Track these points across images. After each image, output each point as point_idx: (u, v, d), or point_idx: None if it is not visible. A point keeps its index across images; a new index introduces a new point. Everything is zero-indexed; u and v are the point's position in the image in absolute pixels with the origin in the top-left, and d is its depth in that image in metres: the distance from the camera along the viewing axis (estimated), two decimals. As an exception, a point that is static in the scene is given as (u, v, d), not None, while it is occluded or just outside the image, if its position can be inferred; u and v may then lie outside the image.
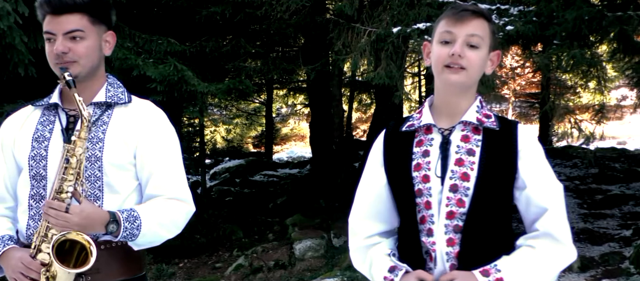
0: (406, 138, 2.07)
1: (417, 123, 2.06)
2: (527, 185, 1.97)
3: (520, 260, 1.93)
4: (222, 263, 9.48)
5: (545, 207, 1.95)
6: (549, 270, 1.94)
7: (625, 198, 10.51)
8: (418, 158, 2.01)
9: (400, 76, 8.14)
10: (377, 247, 2.11)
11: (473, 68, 1.96)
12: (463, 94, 2.01)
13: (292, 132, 28.54)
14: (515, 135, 2.00)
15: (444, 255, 1.96)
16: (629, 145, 20.21)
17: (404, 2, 7.66)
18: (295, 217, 10.46)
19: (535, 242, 1.96)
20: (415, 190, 1.99)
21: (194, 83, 8.43)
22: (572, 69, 7.80)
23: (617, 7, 8.01)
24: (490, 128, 2.00)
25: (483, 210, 1.96)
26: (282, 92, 20.16)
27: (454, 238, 1.95)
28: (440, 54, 1.96)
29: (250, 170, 16.88)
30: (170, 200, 2.28)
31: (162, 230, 2.25)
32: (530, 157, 2.00)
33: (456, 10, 1.96)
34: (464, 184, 1.95)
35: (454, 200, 1.95)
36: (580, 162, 13.75)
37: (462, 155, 1.98)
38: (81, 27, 2.18)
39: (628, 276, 6.68)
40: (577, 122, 8.64)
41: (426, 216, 1.98)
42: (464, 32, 1.94)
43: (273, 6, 8.79)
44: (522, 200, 1.99)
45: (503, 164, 1.98)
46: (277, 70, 11.79)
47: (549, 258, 1.94)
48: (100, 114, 2.27)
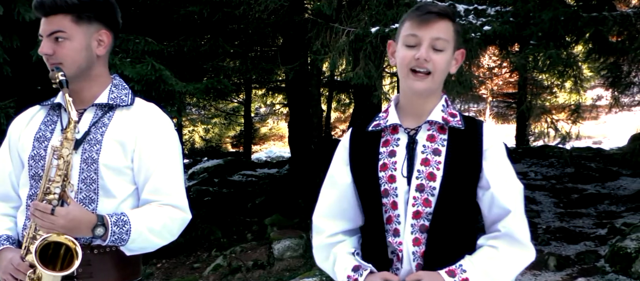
0: (372, 138, 2.07)
1: (383, 123, 2.06)
2: (491, 185, 1.99)
3: (484, 260, 1.95)
4: (200, 263, 9.44)
5: (509, 209, 1.97)
6: (511, 270, 1.97)
7: (600, 197, 10.62)
8: (384, 158, 2.02)
9: (379, 76, 8.16)
10: (340, 245, 2.11)
11: (438, 72, 1.97)
12: (429, 96, 2.03)
13: (270, 132, 28.50)
14: (481, 135, 2.02)
15: (410, 254, 1.97)
16: (604, 144, 20.44)
17: (382, 2, 7.68)
18: (274, 217, 10.44)
19: (497, 243, 1.98)
20: (382, 190, 2.00)
21: (172, 83, 8.38)
22: (549, 69, 7.88)
23: (592, 8, 8.09)
24: (455, 127, 2.01)
25: (449, 209, 1.97)
26: (260, 92, 20.11)
27: (420, 238, 1.96)
28: (406, 57, 1.97)
29: (228, 170, 16.82)
30: (165, 206, 2.24)
31: (154, 237, 2.20)
32: (494, 156, 2.02)
33: (420, 12, 1.96)
34: (430, 184, 1.96)
35: (421, 199, 1.96)
36: (556, 162, 13.88)
37: (428, 154, 1.99)
38: (62, 28, 2.15)
39: (603, 274, 6.74)
40: (553, 121, 8.74)
41: (392, 216, 1.99)
42: (429, 35, 1.94)
43: (251, 6, 8.76)
44: (485, 199, 2.01)
45: (468, 163, 1.99)
46: (256, 70, 11.76)
47: (511, 258, 1.97)
48: (101, 116, 2.24)
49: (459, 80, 7.41)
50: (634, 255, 6.71)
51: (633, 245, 6.81)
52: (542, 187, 11.72)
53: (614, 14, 7.76)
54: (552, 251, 7.72)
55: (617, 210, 9.71)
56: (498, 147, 2.04)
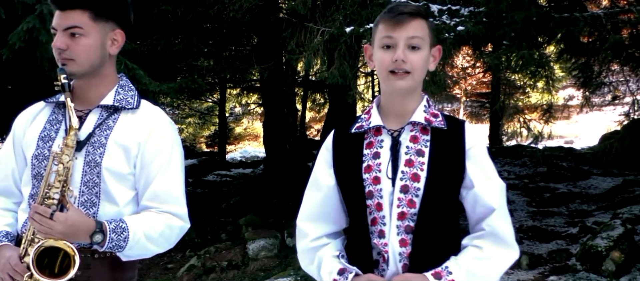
0: (356, 140, 2.07)
1: (366, 125, 2.06)
2: (474, 185, 2.00)
3: (470, 260, 1.96)
4: (174, 263, 9.38)
5: (493, 207, 1.99)
6: (496, 270, 1.99)
7: (572, 196, 10.74)
8: (368, 160, 2.02)
9: (354, 76, 8.17)
10: (325, 249, 2.10)
11: (417, 70, 1.98)
12: (410, 96, 2.03)
13: (245, 132, 28.42)
14: (463, 134, 2.03)
15: (396, 255, 1.97)
16: (576, 144, 20.71)
17: (356, 2, 7.69)
18: (249, 217, 10.41)
19: (482, 242, 1.99)
20: (366, 192, 2.00)
21: (146, 82, 8.31)
22: (521, 69, 7.94)
23: (564, 9, 8.19)
24: (438, 127, 2.02)
25: (433, 209, 1.98)
26: (235, 91, 20.05)
27: (406, 239, 1.97)
28: (384, 59, 1.97)
29: (203, 170, 16.74)
30: (164, 214, 2.22)
31: (151, 244, 2.18)
32: (477, 156, 2.03)
33: (393, 13, 1.96)
34: (415, 185, 1.96)
35: (405, 200, 1.96)
36: (529, 161, 14.01)
37: (412, 155, 1.99)
38: (80, 24, 2.12)
39: (574, 273, 6.82)
40: (526, 121, 8.80)
41: (377, 217, 1.99)
42: (403, 35, 1.95)
43: (226, 5, 8.73)
44: (469, 199, 2.02)
45: (451, 163, 2.00)
46: (230, 69, 11.74)
47: (495, 258, 1.98)
48: (106, 118, 2.20)
49: (433, 80, 7.45)
50: (605, 253, 6.79)
51: (603, 244, 6.90)
52: (515, 186, 11.83)
53: (585, 14, 7.85)
54: (524, 250, 7.79)
55: (588, 209, 9.83)
56: (480, 146, 2.06)
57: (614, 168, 12.02)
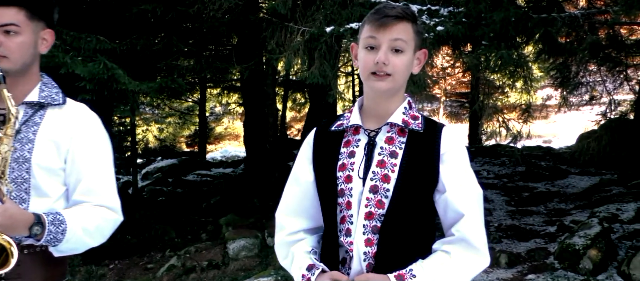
0: (335, 138, 2.09)
1: (345, 123, 2.08)
2: (446, 189, 2.00)
3: (435, 265, 1.96)
4: (154, 263, 9.34)
5: (462, 213, 1.98)
6: (463, 276, 1.97)
7: (550, 196, 10.84)
8: (344, 159, 2.04)
9: (334, 75, 8.19)
10: (299, 244, 2.13)
11: (398, 73, 1.98)
12: (391, 97, 2.04)
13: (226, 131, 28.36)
14: (439, 139, 2.03)
15: (361, 254, 1.98)
16: (554, 143, 20.90)
17: (337, 2, 7.71)
18: (229, 217, 10.39)
19: (451, 248, 1.99)
20: (338, 190, 2.02)
21: (125, 82, 8.27)
22: (500, 69, 8.00)
23: (541, 9, 8.26)
24: (414, 130, 2.03)
25: (402, 211, 1.98)
26: (215, 91, 19.98)
27: (372, 239, 1.97)
28: (366, 60, 1.98)
29: (183, 170, 16.69)
30: (98, 207, 2.22)
31: (87, 237, 2.17)
32: (452, 161, 2.02)
33: (379, 15, 1.97)
34: (384, 186, 1.97)
35: (374, 201, 1.97)
36: (508, 160, 14.12)
37: (385, 157, 2.00)
38: (16, 22, 2.12)
39: (552, 271, 6.88)
40: (505, 121, 8.87)
41: (346, 216, 2.01)
42: (387, 37, 1.95)
43: (206, 4, 8.71)
44: (441, 203, 2.02)
45: (424, 167, 2.00)
46: (211, 69, 11.70)
47: (463, 264, 1.97)
48: (32, 114, 2.20)
49: (413, 80, 7.48)
50: (582, 251, 6.87)
51: (581, 242, 6.97)
52: (494, 186, 11.91)
53: (562, 15, 7.93)
54: (503, 249, 7.84)
55: (566, 208, 9.92)
56: (457, 151, 2.04)
57: (591, 168, 12.14)
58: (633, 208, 8.50)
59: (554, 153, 15.22)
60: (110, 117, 14.06)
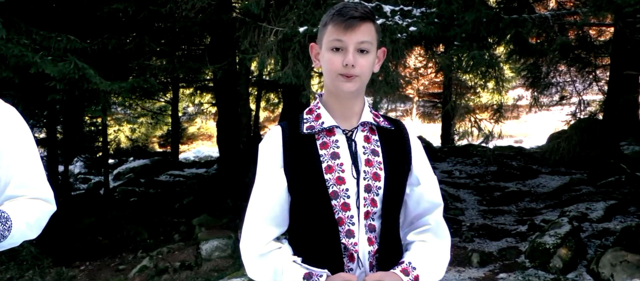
0: (308, 141, 2.05)
1: (318, 126, 2.05)
2: (420, 182, 2.08)
3: (426, 255, 2.05)
4: (126, 265, 9.26)
5: (438, 203, 2.11)
6: (445, 261, 2.11)
7: (521, 195, 10.95)
8: (328, 161, 2.01)
9: (307, 75, 8.18)
10: (279, 253, 2.04)
11: (365, 74, 2.00)
12: (357, 97, 2.06)
13: (199, 131, 28.23)
14: (407, 135, 2.12)
15: (366, 254, 1.99)
16: (525, 143, 21.11)
17: (310, 2, 7.72)
18: (202, 217, 10.35)
19: (427, 237, 2.10)
20: (330, 193, 1.99)
21: (96, 82, 8.19)
22: (472, 70, 8.06)
23: (512, 10, 8.34)
24: (385, 128, 2.08)
25: (392, 208, 2.04)
26: (188, 91, 19.89)
27: (371, 238, 2.00)
28: (333, 62, 1.98)
29: (155, 170, 16.59)
30: (34, 200, 2.20)
31: (28, 231, 2.15)
32: (419, 154, 2.13)
33: (343, 17, 1.96)
34: (376, 184, 2.00)
35: (369, 200, 1.99)
36: (480, 160, 14.25)
37: (369, 155, 2.02)
38: None
39: (523, 270, 6.95)
40: (477, 121, 8.91)
41: (344, 218, 1.99)
42: (354, 40, 1.95)
43: (178, 4, 8.65)
44: (414, 195, 2.09)
45: (401, 163, 2.07)
46: (183, 69, 11.64)
47: (442, 250, 2.11)
48: None
49: (386, 80, 7.51)
50: (552, 250, 6.95)
51: (551, 241, 7.05)
52: (466, 185, 12.00)
53: (533, 16, 8.02)
54: (475, 248, 7.91)
55: (537, 207, 10.03)
56: (419, 145, 2.15)
57: (561, 167, 12.29)
58: (602, 208, 8.62)
59: (525, 153, 15.38)
60: (81, 117, 13.93)
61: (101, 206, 11.95)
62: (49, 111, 12.32)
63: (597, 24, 12.60)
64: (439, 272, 2.07)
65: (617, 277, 6.25)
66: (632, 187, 9.80)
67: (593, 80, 12.47)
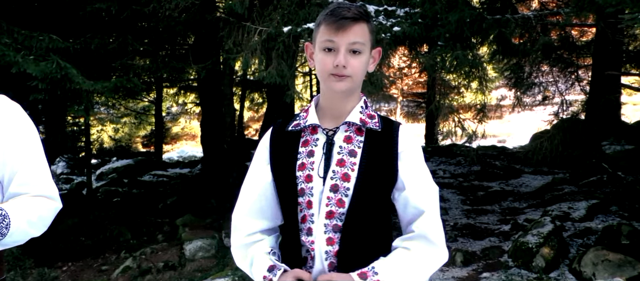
0: (293, 138, 2.09)
1: (302, 123, 2.08)
2: (405, 187, 2.03)
3: (396, 262, 1.98)
4: (108, 265, 9.21)
5: (423, 209, 2.01)
6: (423, 272, 2.00)
7: (504, 195, 11.00)
8: (303, 158, 2.04)
9: (292, 75, 8.18)
10: (258, 245, 2.11)
11: (357, 75, 1.99)
12: (348, 97, 2.05)
13: (182, 131, 28.18)
14: (396, 137, 2.06)
15: (322, 253, 1.99)
16: (508, 143, 21.24)
17: (294, 2, 7.71)
18: (186, 217, 10.32)
19: (411, 244, 2.01)
20: (298, 189, 2.02)
21: (79, 81, 8.14)
22: (456, 70, 8.08)
23: (496, 10, 8.38)
24: (372, 129, 2.05)
25: (362, 210, 2.00)
26: (172, 91, 19.82)
27: (333, 238, 1.99)
28: (325, 62, 1.98)
29: (139, 170, 16.52)
30: (37, 197, 2.19)
31: (31, 229, 2.15)
32: (409, 159, 2.05)
33: (336, 17, 1.96)
34: (345, 184, 1.98)
35: (335, 200, 1.98)
36: (463, 160, 14.31)
37: (344, 156, 2.01)
38: None
39: (507, 269, 6.99)
40: (460, 121, 8.94)
41: (307, 215, 2.01)
42: (345, 40, 1.96)
43: (161, 3, 8.62)
44: (401, 201, 2.04)
45: (383, 165, 2.02)
46: (167, 69, 11.58)
47: (423, 260, 1.99)
48: None
49: (371, 80, 7.52)
50: (535, 249, 6.99)
51: (534, 240, 7.09)
52: (450, 185, 12.05)
53: (516, 16, 8.06)
54: (459, 248, 7.94)
55: (520, 207, 10.08)
56: (414, 150, 2.08)
57: (544, 167, 12.36)
58: (584, 207, 8.68)
59: (508, 153, 15.46)
60: (63, 116, 13.84)
61: (84, 206, 11.86)
62: (31, 111, 12.23)
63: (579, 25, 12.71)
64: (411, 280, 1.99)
65: (598, 276, 6.30)
66: (614, 187, 9.88)
67: (575, 80, 12.56)
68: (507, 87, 13.39)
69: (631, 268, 6.25)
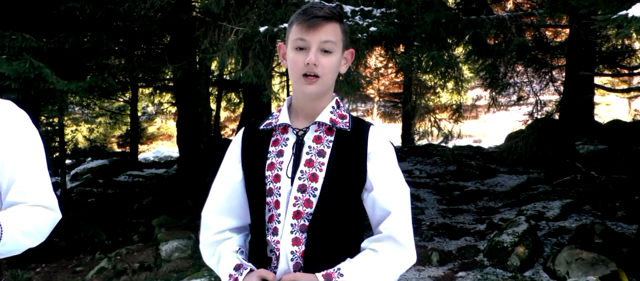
0: (264, 137, 2.08)
1: (274, 122, 2.07)
2: (374, 188, 2.01)
3: (363, 264, 1.97)
4: (83, 266, 9.12)
5: (390, 210, 2.00)
6: (390, 273, 1.99)
7: (480, 194, 11.08)
8: (272, 158, 2.03)
9: (268, 75, 8.17)
10: (226, 243, 2.11)
11: (327, 75, 1.99)
12: (320, 98, 2.05)
13: (158, 131, 28.03)
14: (366, 138, 2.05)
15: (288, 254, 1.98)
16: (484, 142, 21.40)
17: (270, 2, 7.70)
18: (162, 218, 10.25)
19: (378, 245, 1.99)
20: (267, 189, 2.01)
21: (53, 81, 8.06)
22: (432, 70, 8.13)
23: (471, 11, 8.44)
24: (342, 129, 2.04)
25: (330, 210, 1.99)
26: (148, 91, 19.67)
27: (300, 238, 1.97)
28: (296, 61, 1.98)
29: (114, 171, 16.39)
30: (35, 207, 2.13)
31: (26, 239, 2.09)
32: (378, 159, 2.04)
33: (307, 16, 1.96)
34: (312, 185, 1.98)
35: (302, 200, 1.98)
36: (439, 160, 14.39)
37: (313, 156, 2.01)
38: None
39: (482, 268, 7.04)
40: (436, 121, 8.99)
41: (274, 215, 2.00)
42: (317, 39, 1.96)
43: (136, 3, 8.56)
44: (369, 202, 2.03)
45: (352, 166, 2.01)
46: (142, 68, 11.52)
47: (390, 261, 1.98)
48: None
49: (347, 80, 7.54)
50: (510, 248, 7.05)
51: (509, 240, 7.16)
52: (426, 185, 12.11)
53: (491, 17, 8.13)
54: (435, 247, 7.98)
55: (495, 206, 10.16)
56: (384, 150, 2.06)
57: (519, 167, 12.47)
58: (558, 206, 8.78)
59: (484, 153, 15.57)
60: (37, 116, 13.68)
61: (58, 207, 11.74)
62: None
63: (553, 25, 12.85)
64: None
65: (572, 274, 6.37)
66: (587, 186, 10.00)
67: (549, 81, 12.69)
68: (483, 87, 13.49)
69: (604, 266, 6.33)
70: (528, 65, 11.90)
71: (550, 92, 13.61)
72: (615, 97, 23.26)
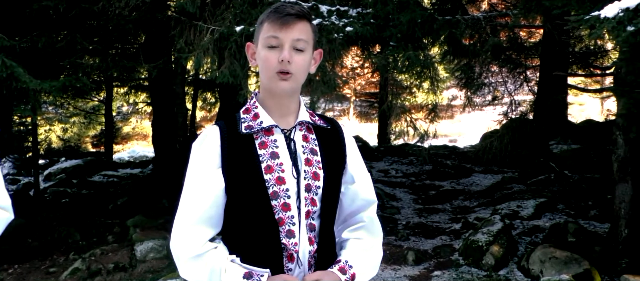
0: (246, 141, 2.02)
1: (256, 125, 2.03)
2: (355, 180, 2.12)
3: (361, 253, 2.09)
4: (57, 267, 9.02)
5: (372, 200, 2.16)
6: (378, 258, 2.15)
7: (455, 194, 11.16)
8: (267, 161, 1.99)
9: (244, 75, 8.14)
10: (215, 253, 2.00)
11: (300, 72, 2.00)
12: (293, 96, 2.05)
13: (134, 131, 27.83)
14: (342, 134, 2.14)
15: (306, 254, 1.99)
16: (459, 142, 21.53)
17: (246, 1, 7.68)
18: (137, 218, 10.17)
19: (361, 234, 2.14)
20: (270, 193, 1.97)
21: (25, 80, 7.95)
22: (408, 70, 8.18)
23: (446, 12, 8.49)
24: (322, 127, 2.09)
25: (330, 207, 2.06)
26: (122, 90, 19.50)
27: (312, 237, 2.01)
28: (269, 59, 1.97)
29: (88, 171, 16.23)
30: None
31: None
32: (354, 154, 2.15)
33: (280, 14, 1.97)
34: (316, 183, 2.01)
35: (309, 199, 2.00)
36: (415, 159, 14.46)
37: (308, 155, 2.03)
38: None
39: (457, 267, 7.09)
40: (412, 120, 9.03)
41: (284, 218, 1.97)
42: (290, 37, 1.96)
43: (111, 1, 8.48)
44: (349, 193, 2.13)
45: (337, 161, 2.09)
46: (117, 68, 11.41)
47: (375, 247, 2.15)
48: None
49: (324, 80, 7.54)
50: (485, 247, 7.11)
51: (484, 239, 7.21)
52: (402, 184, 12.16)
53: (466, 17, 8.19)
54: (410, 246, 8.02)
55: (471, 205, 10.24)
56: (355, 145, 2.18)
57: (494, 166, 12.58)
58: (532, 205, 8.86)
59: (459, 152, 15.67)
60: (9, 116, 13.51)
61: (31, 208, 11.60)
62: (-25, 110, 11.92)
63: (527, 26, 12.97)
64: (373, 269, 2.11)
65: (546, 273, 6.44)
66: (561, 185, 10.11)
67: (524, 81, 12.82)
68: (458, 87, 13.58)
69: (577, 265, 6.40)
70: (503, 66, 12.01)
71: (524, 92, 13.74)
72: (588, 97, 23.57)
